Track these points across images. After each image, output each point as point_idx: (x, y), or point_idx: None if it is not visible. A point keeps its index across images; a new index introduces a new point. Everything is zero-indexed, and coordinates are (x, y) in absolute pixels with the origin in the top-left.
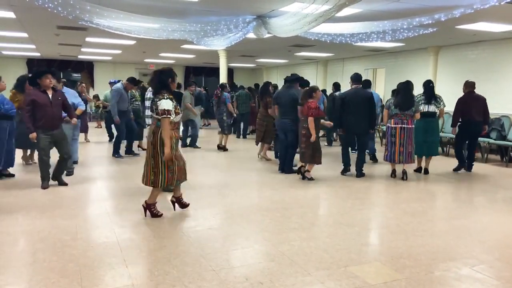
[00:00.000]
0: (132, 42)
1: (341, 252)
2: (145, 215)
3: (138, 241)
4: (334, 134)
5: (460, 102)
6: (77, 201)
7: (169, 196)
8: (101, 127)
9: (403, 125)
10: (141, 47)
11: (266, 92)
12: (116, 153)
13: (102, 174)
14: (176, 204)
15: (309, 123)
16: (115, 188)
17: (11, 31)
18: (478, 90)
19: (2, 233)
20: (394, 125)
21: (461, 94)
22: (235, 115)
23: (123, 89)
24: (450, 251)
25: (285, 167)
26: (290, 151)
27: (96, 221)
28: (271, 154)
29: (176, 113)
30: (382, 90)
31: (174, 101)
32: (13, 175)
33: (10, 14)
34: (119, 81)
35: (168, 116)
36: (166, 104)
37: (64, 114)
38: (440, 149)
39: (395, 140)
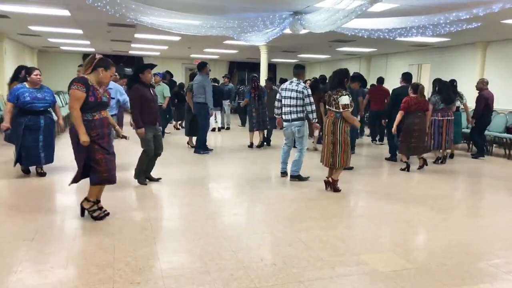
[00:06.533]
0: (177, 38)
1: (356, 242)
2: (326, 189)
3: (167, 222)
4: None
5: (484, 98)
6: (114, 187)
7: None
8: (179, 129)
9: (448, 117)
10: (186, 43)
11: (316, 88)
12: (201, 148)
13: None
14: (328, 186)
15: (428, 115)
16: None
17: (67, 28)
18: None
19: (47, 212)
20: (441, 118)
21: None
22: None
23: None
24: (468, 246)
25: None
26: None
27: (132, 203)
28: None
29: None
30: (427, 86)
31: (350, 96)
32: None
33: (66, 12)
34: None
35: (348, 109)
36: (346, 100)
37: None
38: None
39: (442, 130)
